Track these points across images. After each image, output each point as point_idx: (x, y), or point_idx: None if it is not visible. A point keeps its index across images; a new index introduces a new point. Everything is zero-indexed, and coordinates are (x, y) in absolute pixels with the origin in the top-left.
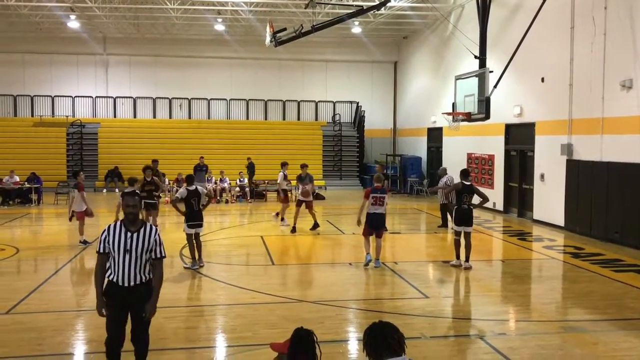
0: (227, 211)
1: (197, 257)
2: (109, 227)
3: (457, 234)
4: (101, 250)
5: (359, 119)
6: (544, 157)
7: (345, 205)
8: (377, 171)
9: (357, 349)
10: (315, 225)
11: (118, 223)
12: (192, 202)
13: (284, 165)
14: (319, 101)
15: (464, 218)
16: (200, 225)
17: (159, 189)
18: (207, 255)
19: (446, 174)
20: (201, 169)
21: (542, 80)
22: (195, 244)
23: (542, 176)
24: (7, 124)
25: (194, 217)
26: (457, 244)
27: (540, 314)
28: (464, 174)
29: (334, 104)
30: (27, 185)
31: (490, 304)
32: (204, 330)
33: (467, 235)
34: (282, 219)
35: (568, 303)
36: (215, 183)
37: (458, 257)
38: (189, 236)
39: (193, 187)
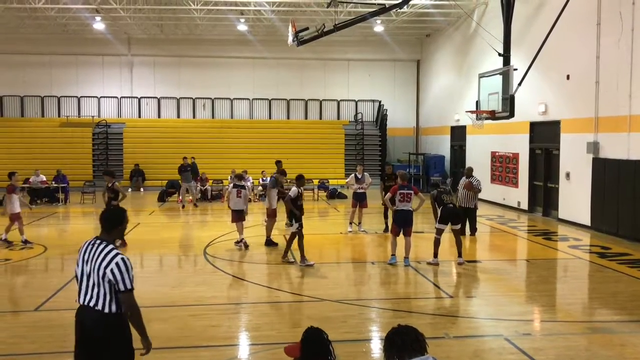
0: (250, 210)
1: (288, 251)
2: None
3: (439, 232)
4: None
5: (381, 118)
6: (569, 155)
7: (368, 204)
8: (387, 171)
9: (380, 348)
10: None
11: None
12: (299, 203)
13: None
14: (341, 100)
15: (450, 216)
16: (286, 225)
17: (120, 197)
18: (231, 254)
19: (472, 175)
20: (186, 169)
21: (568, 77)
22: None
23: (567, 175)
24: (35, 124)
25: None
26: (436, 242)
27: (566, 314)
28: (436, 186)
29: (356, 102)
30: (54, 184)
31: (515, 304)
32: (227, 328)
33: (456, 233)
34: (359, 224)
35: (594, 304)
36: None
37: (436, 256)
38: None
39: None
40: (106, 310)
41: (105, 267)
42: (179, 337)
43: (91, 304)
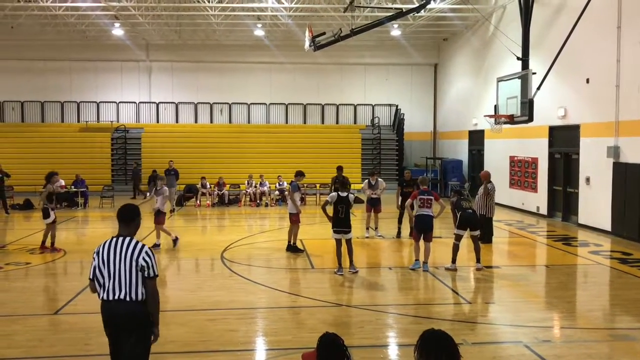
0: (266, 215)
1: (349, 262)
2: None
3: (458, 238)
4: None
5: (398, 122)
6: (589, 159)
7: (384, 209)
8: (406, 177)
9: (397, 355)
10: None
11: None
12: (339, 208)
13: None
14: (358, 104)
15: (469, 222)
16: (346, 232)
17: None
18: (248, 258)
19: (490, 181)
20: (170, 173)
21: (587, 81)
22: (347, 249)
23: (587, 179)
24: (55, 129)
25: (339, 223)
26: (455, 248)
27: (587, 321)
28: (458, 193)
29: (373, 107)
30: (73, 189)
31: (534, 310)
32: (245, 333)
33: (475, 239)
34: (375, 229)
35: (616, 310)
36: (255, 187)
37: (454, 261)
38: (337, 242)
39: (345, 194)
40: (139, 298)
41: (138, 256)
42: (196, 341)
43: (122, 296)
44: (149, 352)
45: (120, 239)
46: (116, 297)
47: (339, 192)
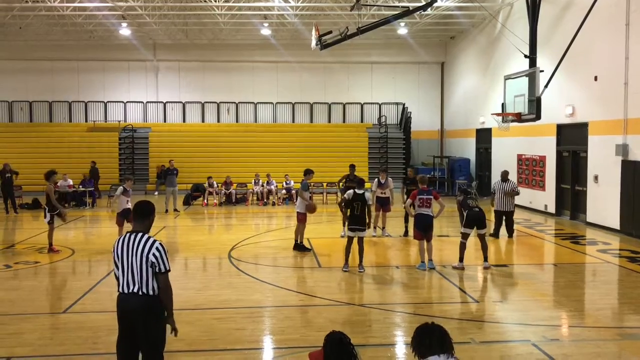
0: (273, 213)
1: (358, 262)
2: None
3: (464, 236)
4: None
5: (405, 121)
6: (597, 158)
7: (392, 207)
8: (409, 175)
9: (404, 353)
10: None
11: None
12: (354, 205)
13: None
14: (365, 103)
15: (476, 221)
16: (362, 230)
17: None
18: (255, 257)
19: (508, 179)
20: (172, 173)
21: (595, 78)
22: (358, 248)
23: (595, 177)
24: (63, 129)
25: (355, 221)
26: (462, 246)
27: (596, 319)
28: (465, 192)
29: (380, 105)
30: (81, 188)
31: (542, 308)
32: (252, 332)
33: (482, 237)
34: (383, 228)
35: (625, 309)
36: (263, 186)
37: (461, 260)
38: (349, 238)
39: (361, 192)
40: (151, 292)
41: (148, 252)
42: (204, 340)
43: (135, 290)
44: (165, 335)
45: (134, 234)
46: (130, 290)
47: (356, 190)
